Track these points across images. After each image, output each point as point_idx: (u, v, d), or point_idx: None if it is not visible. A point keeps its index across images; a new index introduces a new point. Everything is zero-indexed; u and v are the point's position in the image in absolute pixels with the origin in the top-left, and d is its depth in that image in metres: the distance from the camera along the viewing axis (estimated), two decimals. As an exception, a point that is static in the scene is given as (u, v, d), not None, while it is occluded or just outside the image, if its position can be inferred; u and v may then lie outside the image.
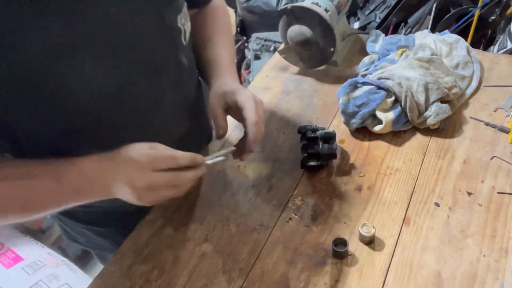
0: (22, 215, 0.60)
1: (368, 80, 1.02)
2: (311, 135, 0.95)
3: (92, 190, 0.60)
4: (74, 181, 0.58)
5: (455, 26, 1.71)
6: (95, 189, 0.61)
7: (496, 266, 0.75)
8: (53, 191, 0.58)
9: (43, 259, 1.46)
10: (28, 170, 0.58)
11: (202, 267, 0.81)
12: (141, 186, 0.58)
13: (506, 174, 0.90)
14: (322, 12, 1.07)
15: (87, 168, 0.59)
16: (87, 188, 0.60)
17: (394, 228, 0.83)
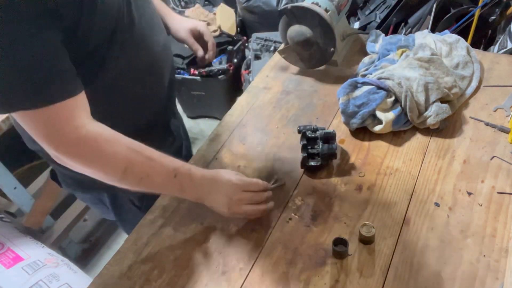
0: (135, 184, 0.75)
1: (368, 80, 1.02)
2: (311, 135, 0.95)
3: (192, 193, 0.81)
4: (184, 182, 0.78)
5: (455, 26, 1.71)
6: (194, 194, 0.81)
7: (496, 266, 0.75)
8: (167, 180, 0.76)
9: (43, 259, 1.46)
10: (156, 154, 0.75)
11: (202, 267, 0.81)
12: (234, 199, 0.81)
13: (506, 174, 0.90)
14: (322, 12, 1.07)
15: (196, 178, 0.80)
16: (189, 190, 0.80)
17: (394, 228, 0.83)
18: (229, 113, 1.15)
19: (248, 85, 2.30)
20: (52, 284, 1.37)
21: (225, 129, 1.10)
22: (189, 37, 1.04)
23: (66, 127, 0.68)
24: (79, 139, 0.69)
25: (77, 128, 0.69)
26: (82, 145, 0.70)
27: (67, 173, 1.00)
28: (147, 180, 0.75)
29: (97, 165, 0.73)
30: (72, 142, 0.69)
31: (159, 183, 0.77)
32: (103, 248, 2.02)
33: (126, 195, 1.04)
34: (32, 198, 1.75)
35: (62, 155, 0.70)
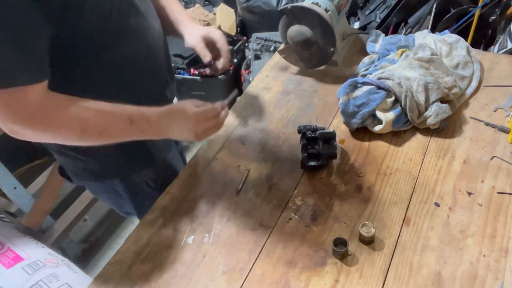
0: (96, 139, 0.78)
1: (368, 80, 1.02)
2: (311, 135, 0.95)
3: (153, 133, 0.84)
4: (142, 125, 0.81)
5: (455, 26, 1.71)
6: (155, 134, 0.85)
7: (496, 266, 0.75)
8: (125, 128, 0.79)
9: (43, 259, 1.46)
10: (110, 108, 0.78)
11: (202, 267, 0.81)
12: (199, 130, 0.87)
13: (506, 174, 0.90)
14: (322, 12, 1.07)
15: (153, 119, 0.83)
16: (150, 132, 0.83)
17: (394, 228, 0.83)
18: (229, 113, 1.15)
19: (248, 85, 2.30)
20: (52, 284, 1.37)
21: (225, 129, 1.10)
22: (199, 43, 1.01)
23: (23, 105, 0.70)
24: (35, 111, 0.71)
25: (33, 103, 0.70)
26: (36, 117, 0.72)
27: (78, 165, 1.00)
28: (106, 133, 0.78)
29: (54, 131, 0.75)
30: (27, 115, 0.71)
31: (118, 133, 0.80)
32: (103, 248, 2.02)
33: (139, 178, 1.05)
34: (32, 198, 1.75)
35: (18, 128, 0.72)
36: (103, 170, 1.00)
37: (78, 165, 1.00)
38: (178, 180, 0.99)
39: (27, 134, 0.73)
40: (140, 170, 1.02)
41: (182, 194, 0.95)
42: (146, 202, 1.02)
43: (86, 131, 0.76)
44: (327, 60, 1.17)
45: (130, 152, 0.98)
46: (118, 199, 1.12)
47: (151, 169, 1.02)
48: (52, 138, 0.77)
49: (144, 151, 1.01)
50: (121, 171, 1.02)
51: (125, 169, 1.02)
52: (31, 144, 2.28)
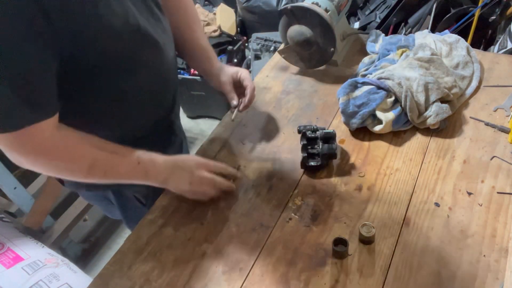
0: (101, 178, 0.79)
1: (368, 80, 1.02)
2: (311, 135, 0.95)
3: (156, 176, 0.85)
4: (147, 167, 0.83)
5: (455, 26, 1.71)
6: (158, 177, 0.85)
7: (496, 266, 0.75)
8: (132, 168, 0.81)
9: (43, 259, 1.46)
10: (118, 148, 0.79)
11: (202, 267, 0.81)
12: (196, 174, 0.87)
13: (506, 174, 0.90)
14: (322, 12, 1.07)
15: (159, 162, 0.85)
16: (153, 174, 0.84)
17: (394, 228, 0.83)
18: (229, 113, 1.15)
19: (248, 85, 2.30)
20: (52, 284, 1.37)
21: (225, 129, 1.10)
22: (228, 84, 1.01)
23: (34, 142, 0.69)
24: (45, 148, 0.71)
25: (43, 140, 0.70)
26: (47, 153, 0.72)
27: None
28: (112, 171, 0.79)
29: (63, 167, 0.76)
30: (37, 152, 0.71)
31: (124, 172, 0.81)
32: (103, 248, 2.02)
33: (130, 192, 1.05)
34: (32, 198, 1.75)
35: (27, 163, 0.72)
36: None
37: None
38: (178, 180, 0.99)
39: (36, 168, 0.73)
40: (132, 186, 0.97)
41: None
42: (135, 215, 1.02)
43: (93, 170, 0.77)
44: (327, 60, 1.17)
45: None
46: (110, 206, 1.12)
47: (143, 186, 0.95)
48: (58, 173, 0.78)
49: None
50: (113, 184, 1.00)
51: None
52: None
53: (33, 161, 0.72)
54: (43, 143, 0.70)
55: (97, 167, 0.77)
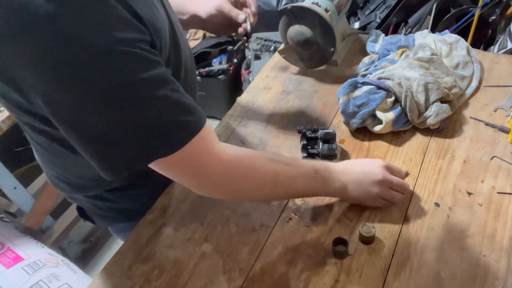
0: (284, 193, 0.76)
1: (368, 80, 1.01)
2: (311, 135, 0.95)
3: (335, 183, 0.79)
4: (325, 175, 0.78)
5: (455, 26, 1.71)
6: (338, 183, 0.79)
7: (496, 266, 0.75)
8: (311, 178, 0.76)
9: (43, 259, 1.46)
10: (290, 159, 0.76)
11: (202, 267, 0.81)
12: (386, 180, 0.80)
13: (506, 174, 0.90)
14: (322, 12, 1.07)
15: (334, 168, 0.79)
16: (332, 181, 0.79)
17: (394, 228, 0.83)
18: (229, 113, 1.15)
19: (248, 85, 2.30)
20: (52, 284, 1.37)
21: (225, 129, 1.10)
22: (224, 3, 0.90)
23: (209, 158, 0.64)
24: (226, 166, 0.67)
25: (218, 155, 0.65)
26: (231, 171, 0.68)
27: (113, 207, 0.94)
28: (294, 185, 0.75)
29: (250, 185, 0.71)
30: (220, 171, 0.66)
31: (304, 184, 0.76)
32: (103, 248, 2.02)
33: None
34: (32, 198, 1.75)
35: (212, 187, 0.68)
36: (137, 210, 0.94)
37: (113, 208, 0.94)
38: (178, 180, 0.99)
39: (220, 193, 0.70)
40: None
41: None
42: None
43: (277, 185, 0.72)
44: (327, 60, 1.17)
45: (161, 191, 0.95)
46: None
47: None
48: (244, 194, 0.74)
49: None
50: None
51: None
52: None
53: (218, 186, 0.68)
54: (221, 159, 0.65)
55: (280, 181, 0.72)
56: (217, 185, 0.68)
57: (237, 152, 0.70)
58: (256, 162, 0.71)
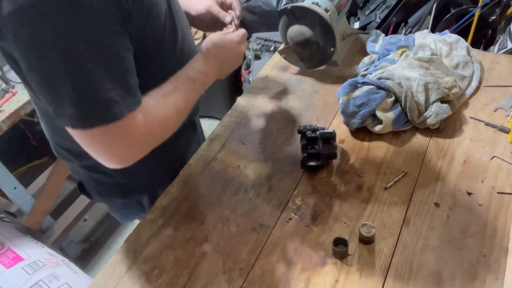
0: (186, 113, 0.82)
1: (368, 80, 1.01)
2: (311, 135, 0.95)
3: (210, 79, 0.89)
4: (201, 78, 0.85)
5: (455, 26, 1.71)
6: (212, 78, 0.89)
7: (496, 266, 0.75)
8: (192, 89, 0.84)
9: (43, 259, 1.46)
10: (175, 83, 0.81)
11: (202, 267, 0.81)
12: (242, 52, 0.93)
13: (506, 174, 0.90)
14: (322, 12, 1.07)
15: (204, 68, 0.86)
16: (208, 78, 0.88)
17: (394, 228, 0.83)
18: (229, 113, 1.15)
19: (248, 85, 2.30)
20: (52, 284, 1.37)
21: (225, 129, 1.10)
22: (213, 6, 1.00)
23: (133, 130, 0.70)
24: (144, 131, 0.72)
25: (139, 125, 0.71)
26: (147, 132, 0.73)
27: (108, 181, 0.99)
28: (189, 103, 0.83)
29: (161, 136, 0.78)
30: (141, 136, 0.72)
31: (193, 97, 0.84)
32: (103, 248, 2.02)
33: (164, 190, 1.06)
34: (32, 198, 1.75)
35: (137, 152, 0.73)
36: (135, 186, 1.00)
37: (109, 182, 0.98)
38: (178, 180, 0.99)
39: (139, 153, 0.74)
40: (167, 183, 1.01)
41: (182, 194, 0.95)
42: None
43: (179, 113, 0.81)
44: (327, 60, 1.17)
45: (159, 168, 0.98)
46: (135, 211, 1.11)
47: None
48: (159, 142, 0.78)
49: (175, 164, 1.02)
50: (150, 186, 1.03)
51: (156, 184, 1.02)
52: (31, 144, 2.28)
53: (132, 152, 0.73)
54: (141, 126, 0.71)
55: (180, 110, 0.80)
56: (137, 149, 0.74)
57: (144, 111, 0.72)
58: (161, 113, 0.76)
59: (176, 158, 1.03)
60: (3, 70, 1.51)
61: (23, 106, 1.43)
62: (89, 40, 0.61)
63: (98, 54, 0.62)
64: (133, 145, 0.71)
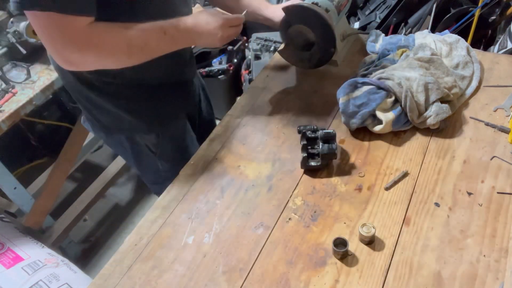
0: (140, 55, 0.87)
1: (368, 80, 1.01)
2: (311, 135, 0.95)
3: (183, 42, 0.94)
4: (174, 35, 0.90)
5: (455, 26, 1.71)
6: (186, 42, 0.96)
7: (496, 266, 0.75)
8: (160, 39, 0.88)
9: (43, 259, 1.46)
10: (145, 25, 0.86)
11: (202, 267, 0.81)
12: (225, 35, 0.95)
13: (506, 174, 0.90)
14: (322, 12, 1.07)
15: (182, 29, 0.91)
16: (181, 40, 0.93)
17: (394, 228, 0.83)
18: (229, 113, 1.15)
19: (248, 85, 2.30)
20: (52, 284, 1.37)
21: (225, 129, 1.10)
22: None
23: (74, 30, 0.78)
24: (84, 35, 0.80)
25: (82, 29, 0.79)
26: (86, 39, 0.81)
27: (94, 114, 1.11)
28: (146, 47, 0.87)
29: (104, 52, 0.84)
30: (77, 39, 0.80)
31: (155, 45, 0.89)
32: (103, 248, 2.02)
33: (142, 140, 1.16)
34: (32, 198, 1.75)
35: (69, 53, 0.81)
36: (111, 125, 1.12)
37: (94, 115, 1.11)
38: (178, 180, 0.99)
39: (80, 59, 0.82)
40: (143, 134, 1.13)
41: (182, 194, 0.95)
42: (146, 163, 1.14)
43: (131, 48, 0.85)
44: (327, 60, 1.17)
45: (137, 115, 1.08)
46: (125, 153, 1.22)
47: (153, 135, 1.14)
48: (103, 60, 0.86)
49: (149, 119, 1.11)
50: (126, 130, 1.12)
51: (130, 129, 1.12)
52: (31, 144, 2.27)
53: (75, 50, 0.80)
54: (82, 31, 0.79)
55: (134, 46, 0.85)
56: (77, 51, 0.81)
57: (97, 24, 0.82)
58: (110, 31, 0.83)
59: (149, 112, 1.10)
60: (3, 70, 1.51)
61: (23, 106, 1.43)
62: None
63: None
64: (71, 45, 0.79)
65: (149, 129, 1.14)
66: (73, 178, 2.33)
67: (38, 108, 2.04)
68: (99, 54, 0.84)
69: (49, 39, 0.79)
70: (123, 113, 1.08)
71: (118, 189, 2.26)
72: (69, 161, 1.87)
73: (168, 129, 1.16)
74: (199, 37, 0.94)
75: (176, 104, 1.16)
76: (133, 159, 1.21)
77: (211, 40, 0.95)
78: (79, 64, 0.84)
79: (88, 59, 0.84)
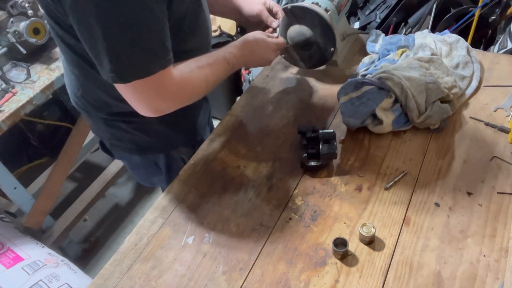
0: (212, 87, 0.93)
1: (368, 80, 1.01)
2: (311, 135, 0.95)
3: (240, 65, 0.99)
4: (235, 64, 0.97)
5: (455, 26, 1.71)
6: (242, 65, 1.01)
7: (496, 266, 0.75)
8: (225, 70, 0.95)
9: (43, 259, 1.46)
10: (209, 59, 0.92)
11: (202, 267, 0.81)
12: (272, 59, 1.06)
13: (506, 174, 0.90)
14: (322, 12, 1.07)
15: (240, 57, 0.98)
16: (238, 65, 0.98)
17: (394, 228, 0.83)
18: (229, 113, 1.15)
19: (248, 85, 2.30)
20: (52, 284, 1.37)
21: (225, 129, 1.10)
22: (263, 11, 1.11)
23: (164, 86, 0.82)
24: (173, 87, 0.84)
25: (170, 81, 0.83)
26: (181, 89, 0.86)
27: (127, 138, 1.09)
28: (218, 80, 0.94)
29: (193, 95, 0.90)
30: (175, 92, 0.85)
31: (222, 75, 0.95)
32: (103, 248, 2.02)
33: (178, 154, 1.16)
34: (32, 198, 1.75)
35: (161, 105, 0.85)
36: (151, 145, 1.10)
37: (127, 138, 1.08)
38: (178, 180, 0.99)
39: (171, 107, 0.87)
40: (181, 147, 1.14)
41: (182, 194, 0.95)
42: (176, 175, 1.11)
43: (208, 85, 0.91)
44: (327, 60, 1.17)
45: (176, 130, 1.09)
46: (153, 173, 1.20)
47: (189, 147, 1.15)
48: (188, 102, 0.90)
49: (188, 131, 1.13)
50: (166, 147, 1.13)
51: (170, 145, 1.12)
52: (31, 144, 2.27)
53: (166, 102, 0.85)
54: (170, 84, 0.83)
55: (210, 83, 0.91)
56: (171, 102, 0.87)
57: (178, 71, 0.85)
58: (190, 75, 0.87)
59: (189, 124, 1.13)
60: (3, 70, 1.51)
61: (23, 106, 1.43)
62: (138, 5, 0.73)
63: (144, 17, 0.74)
64: (166, 97, 0.84)
65: (186, 141, 1.14)
66: (73, 178, 2.33)
67: (38, 108, 2.04)
68: (188, 99, 0.89)
69: (145, 99, 0.82)
70: (163, 130, 1.08)
71: (118, 189, 2.26)
72: (69, 161, 1.87)
73: (202, 137, 1.16)
74: (255, 63, 1.03)
75: (205, 111, 1.18)
76: (165, 174, 1.18)
77: (263, 63, 1.06)
78: (166, 110, 0.87)
79: (178, 105, 0.88)
